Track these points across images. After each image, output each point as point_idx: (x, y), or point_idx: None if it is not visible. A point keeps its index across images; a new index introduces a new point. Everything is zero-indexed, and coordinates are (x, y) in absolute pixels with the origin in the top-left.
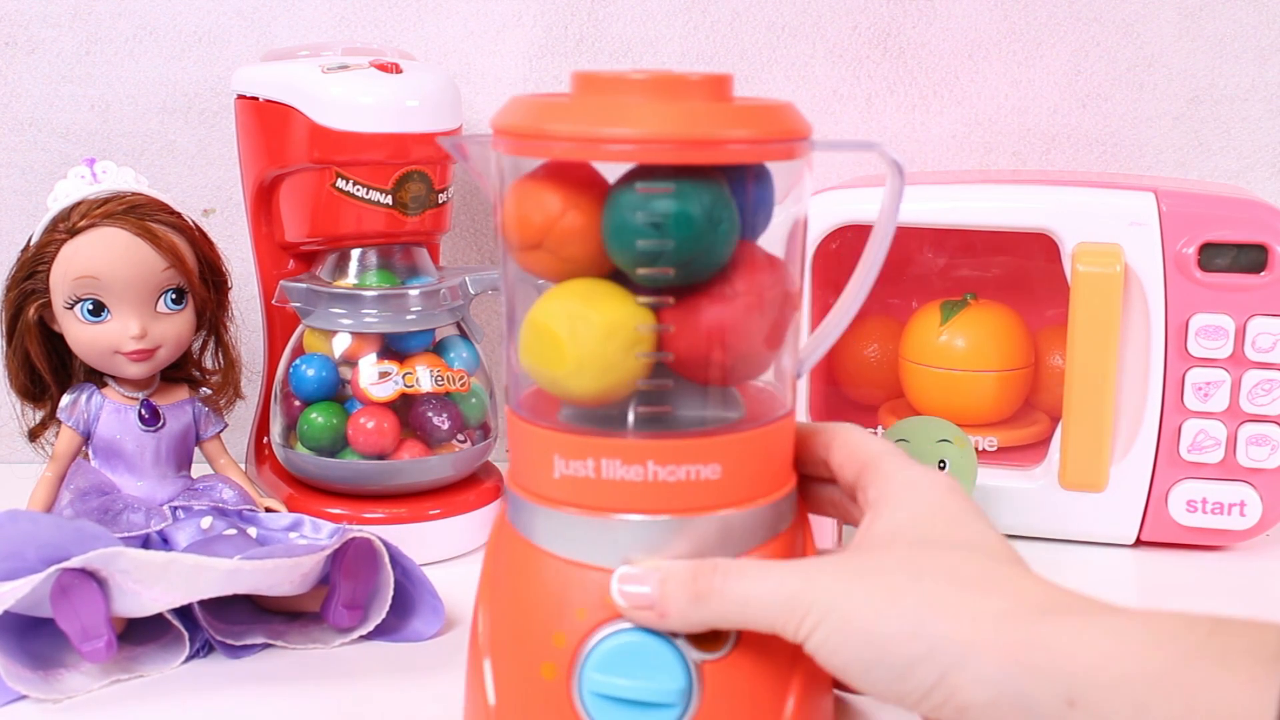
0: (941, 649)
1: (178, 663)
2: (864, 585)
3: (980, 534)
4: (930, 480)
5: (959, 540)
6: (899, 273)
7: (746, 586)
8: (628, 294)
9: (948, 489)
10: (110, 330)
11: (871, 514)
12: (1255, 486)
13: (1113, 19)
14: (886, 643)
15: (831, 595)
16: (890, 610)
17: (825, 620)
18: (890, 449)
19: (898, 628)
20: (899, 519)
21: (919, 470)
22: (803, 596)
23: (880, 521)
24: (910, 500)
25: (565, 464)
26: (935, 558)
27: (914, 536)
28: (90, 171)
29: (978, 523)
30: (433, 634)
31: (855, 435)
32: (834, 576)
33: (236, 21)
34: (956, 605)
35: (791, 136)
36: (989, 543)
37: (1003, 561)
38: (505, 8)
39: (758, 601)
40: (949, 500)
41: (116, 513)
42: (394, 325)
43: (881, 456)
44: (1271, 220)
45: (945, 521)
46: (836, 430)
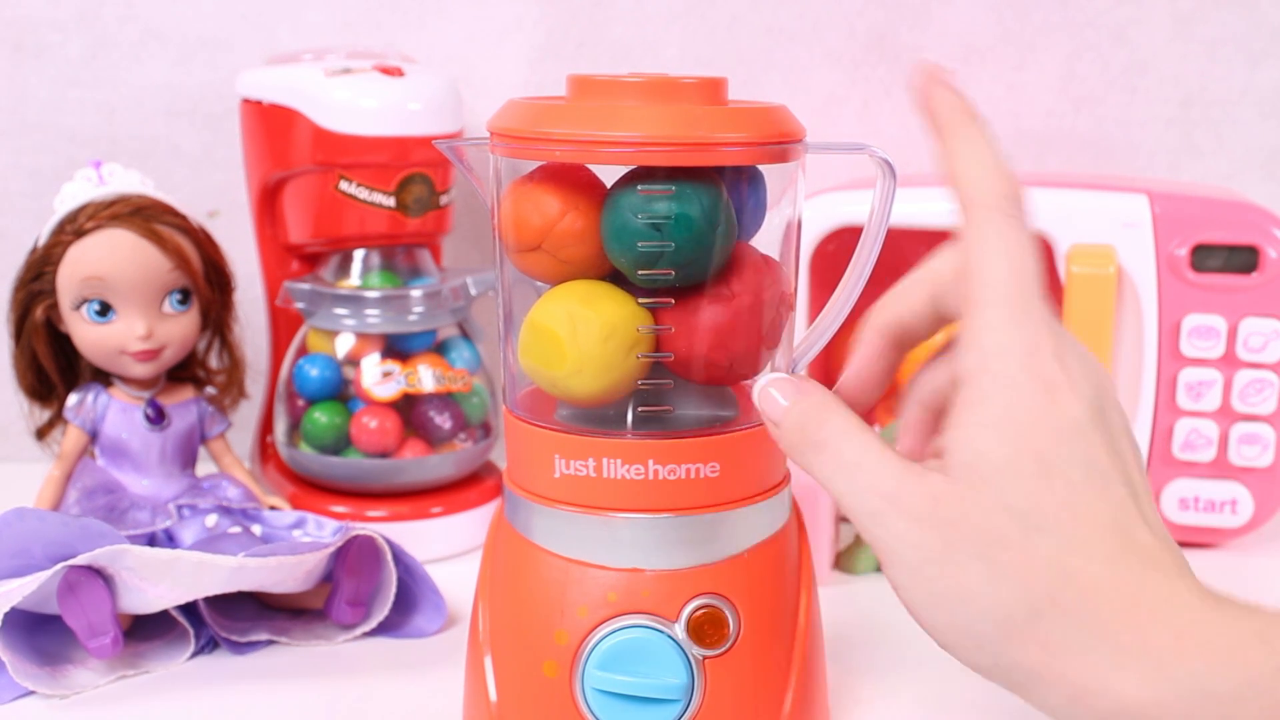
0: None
1: (183, 659)
2: (942, 544)
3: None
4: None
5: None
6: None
7: (831, 471)
8: (627, 295)
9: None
10: (116, 331)
11: (963, 418)
12: (1247, 485)
13: (1106, 23)
14: (961, 625)
15: (907, 541)
16: (969, 602)
17: (891, 567)
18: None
19: (979, 628)
20: (993, 452)
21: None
22: (883, 521)
23: (963, 441)
24: (1011, 429)
25: (566, 464)
26: (1040, 548)
27: (1014, 492)
28: (96, 174)
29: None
30: (435, 631)
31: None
32: (915, 517)
33: (241, 26)
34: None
35: (785, 139)
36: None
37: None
38: (506, 12)
39: (839, 489)
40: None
41: (122, 511)
42: (396, 326)
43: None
44: (1263, 222)
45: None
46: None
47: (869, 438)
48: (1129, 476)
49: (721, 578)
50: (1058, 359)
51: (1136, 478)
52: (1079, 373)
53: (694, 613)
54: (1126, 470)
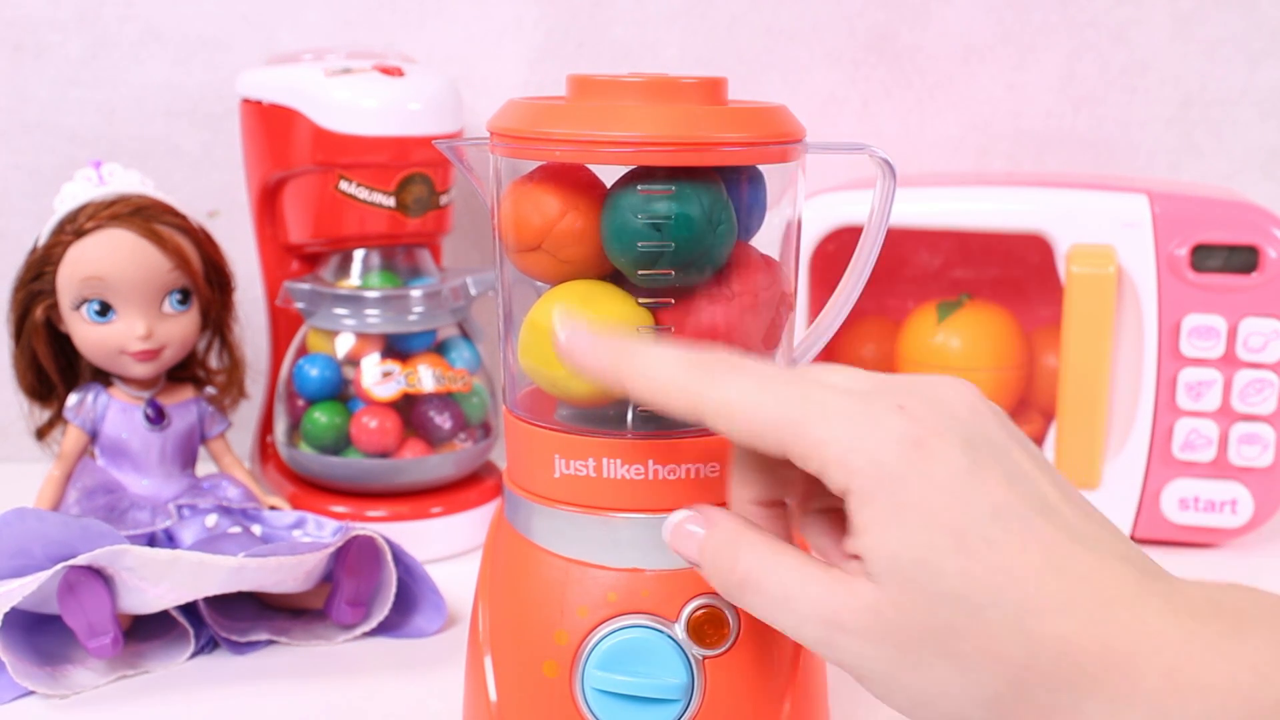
0: None
1: (183, 659)
2: (900, 652)
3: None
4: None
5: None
6: (895, 274)
7: (784, 591)
8: (627, 295)
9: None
10: (116, 331)
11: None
12: (1247, 485)
13: (1106, 23)
14: (953, 718)
15: (865, 658)
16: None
17: (862, 681)
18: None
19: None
20: (906, 549)
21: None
22: (835, 646)
23: (872, 547)
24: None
25: (566, 464)
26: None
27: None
28: (96, 174)
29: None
30: (435, 631)
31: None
32: (862, 635)
33: (241, 26)
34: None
35: (785, 139)
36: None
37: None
38: (506, 12)
39: (793, 619)
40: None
41: (122, 511)
42: (396, 325)
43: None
44: (1262, 222)
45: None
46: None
47: (788, 559)
48: (1039, 495)
49: None
50: (902, 410)
51: (1046, 488)
52: (930, 413)
53: (694, 613)
54: (1034, 489)
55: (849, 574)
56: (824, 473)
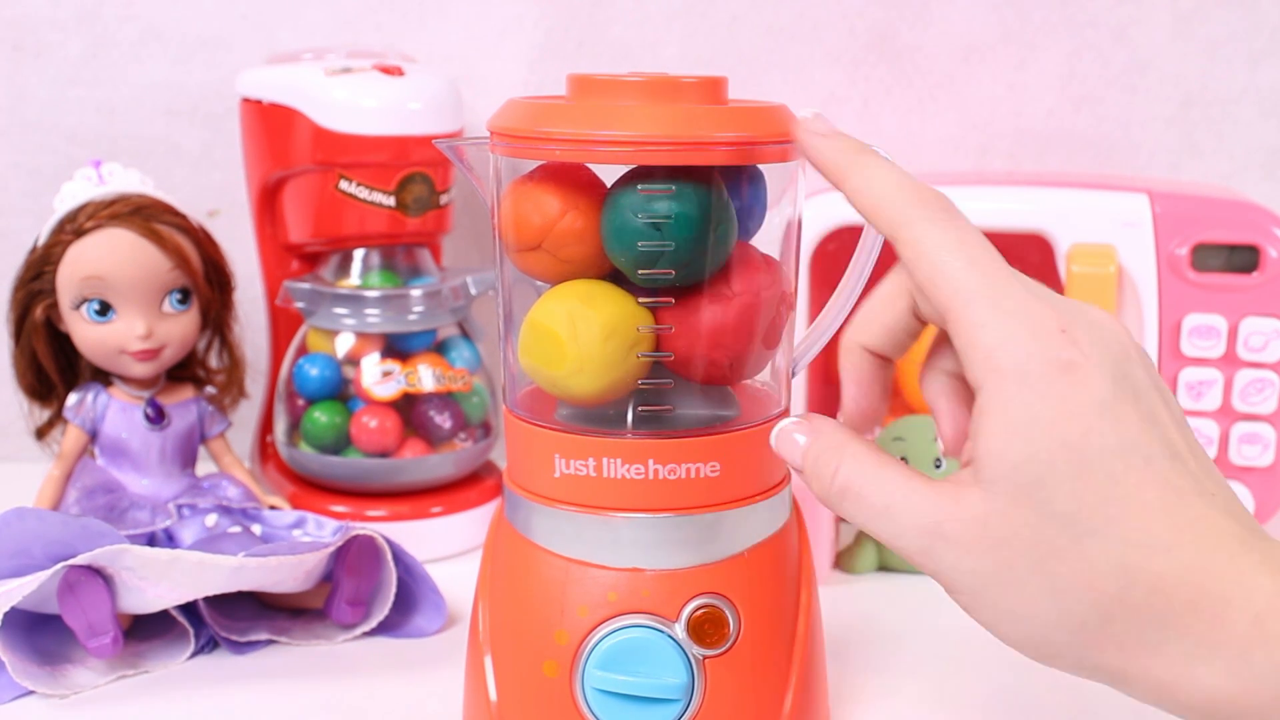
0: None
1: (183, 659)
2: (997, 566)
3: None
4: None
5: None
6: None
7: (886, 501)
8: (627, 294)
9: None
10: (116, 330)
11: (981, 426)
12: (1247, 485)
13: (1106, 23)
14: (1036, 639)
15: (962, 570)
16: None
17: (953, 593)
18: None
19: (1053, 637)
20: (1026, 460)
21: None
22: (934, 555)
23: (993, 452)
24: (1028, 428)
25: (566, 464)
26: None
27: (1042, 499)
28: (96, 173)
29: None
30: (435, 630)
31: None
32: (963, 545)
33: (241, 25)
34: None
35: (785, 138)
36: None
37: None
38: (506, 11)
39: (894, 528)
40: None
41: (122, 510)
42: (396, 325)
43: (968, 319)
44: (1263, 221)
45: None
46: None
47: (890, 471)
48: (1168, 441)
49: (721, 577)
50: (1063, 333)
51: (1175, 436)
52: (1089, 340)
53: (694, 612)
54: (1164, 434)
55: (955, 482)
56: (968, 354)
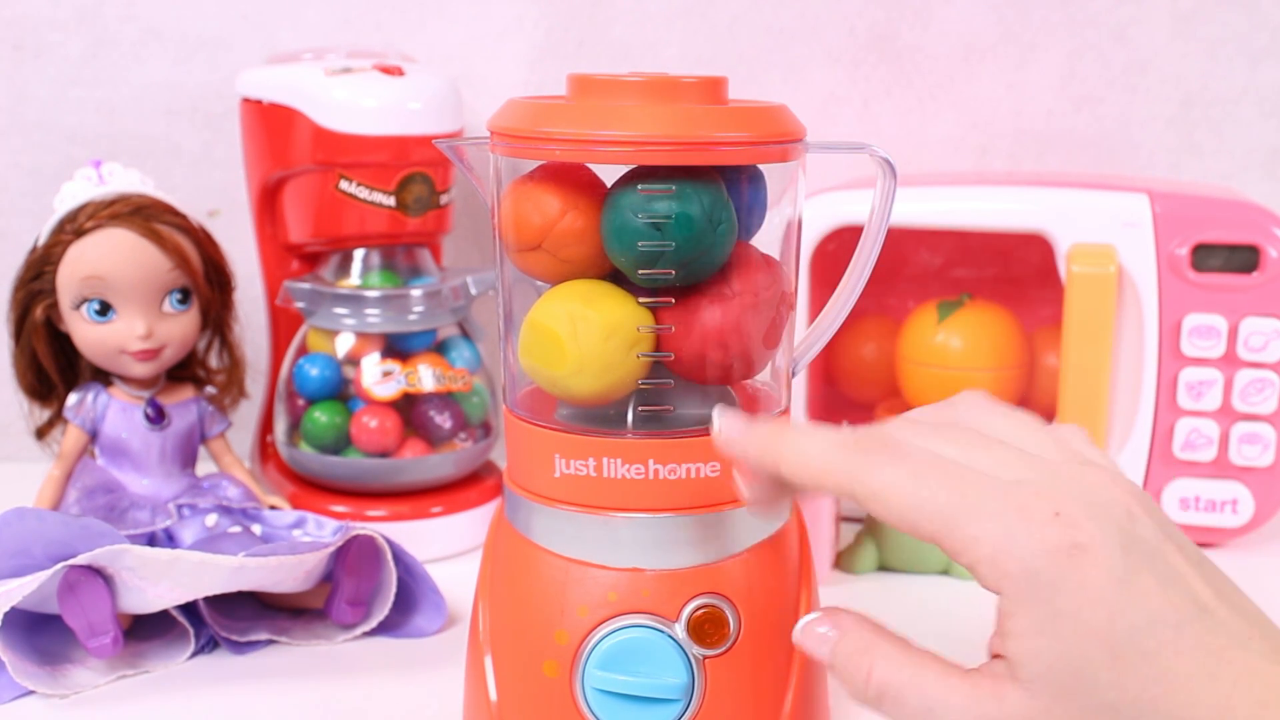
0: None
1: (183, 658)
2: None
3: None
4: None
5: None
6: (896, 273)
7: (927, 704)
8: (627, 294)
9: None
10: (116, 330)
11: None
12: (1247, 484)
13: (1107, 23)
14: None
15: None
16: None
17: None
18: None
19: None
20: (1060, 658)
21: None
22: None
23: (1026, 652)
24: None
25: (566, 463)
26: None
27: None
28: (96, 173)
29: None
30: (435, 630)
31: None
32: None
33: (241, 25)
34: None
35: (785, 138)
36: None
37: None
38: (506, 11)
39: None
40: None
41: (122, 510)
42: (397, 325)
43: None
44: (1263, 221)
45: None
46: None
47: (926, 670)
48: (1193, 597)
49: (721, 577)
50: (1058, 517)
51: (1199, 587)
52: (1086, 515)
53: (694, 612)
54: (1188, 592)
55: (993, 676)
56: (976, 569)
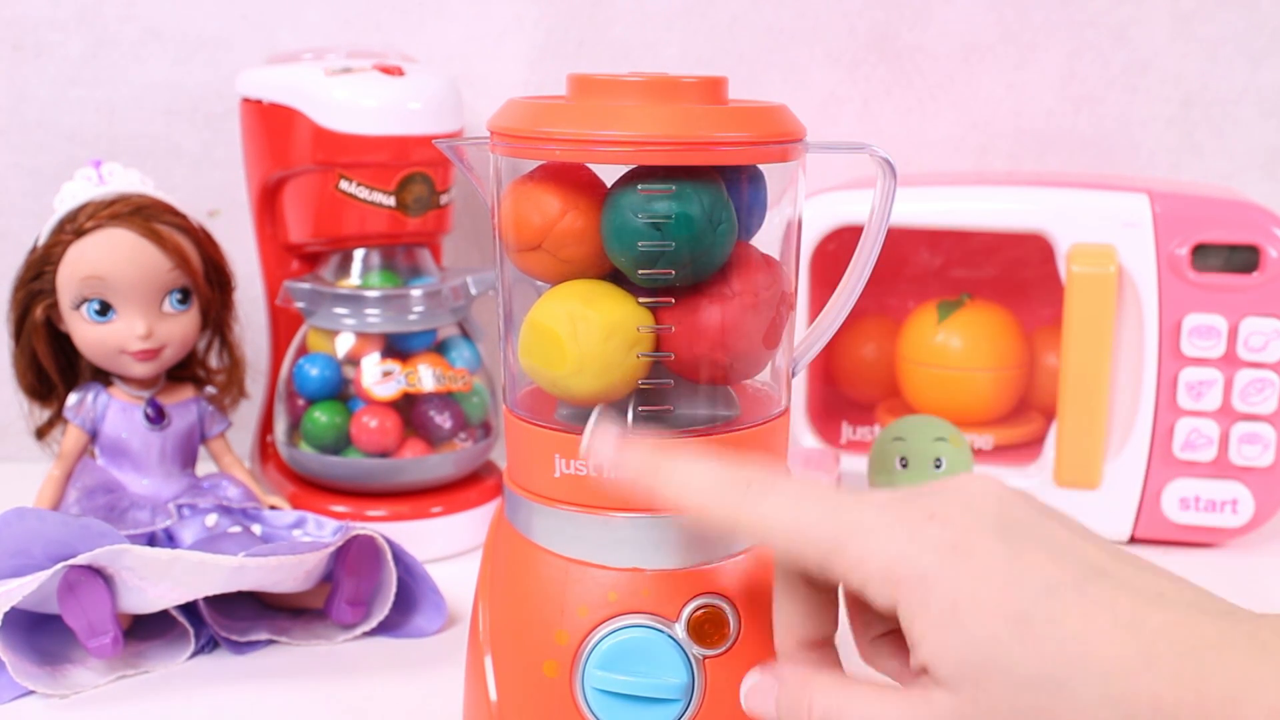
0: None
1: (183, 658)
2: None
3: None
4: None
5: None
6: (896, 273)
7: (866, 716)
8: (627, 294)
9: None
10: (116, 330)
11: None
12: (1247, 484)
13: (1106, 23)
14: None
15: None
16: None
17: None
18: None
19: None
20: (969, 647)
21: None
22: None
23: (935, 654)
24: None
25: (566, 464)
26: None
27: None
28: (96, 173)
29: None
30: (435, 630)
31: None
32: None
33: (241, 25)
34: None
35: (785, 138)
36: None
37: None
38: (506, 11)
39: None
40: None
41: (122, 510)
42: (397, 325)
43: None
44: (1263, 221)
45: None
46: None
47: (860, 689)
48: (1088, 562)
49: (721, 577)
50: (933, 518)
51: (1093, 553)
52: (959, 511)
53: (694, 612)
54: (1081, 557)
55: (920, 685)
56: (866, 589)
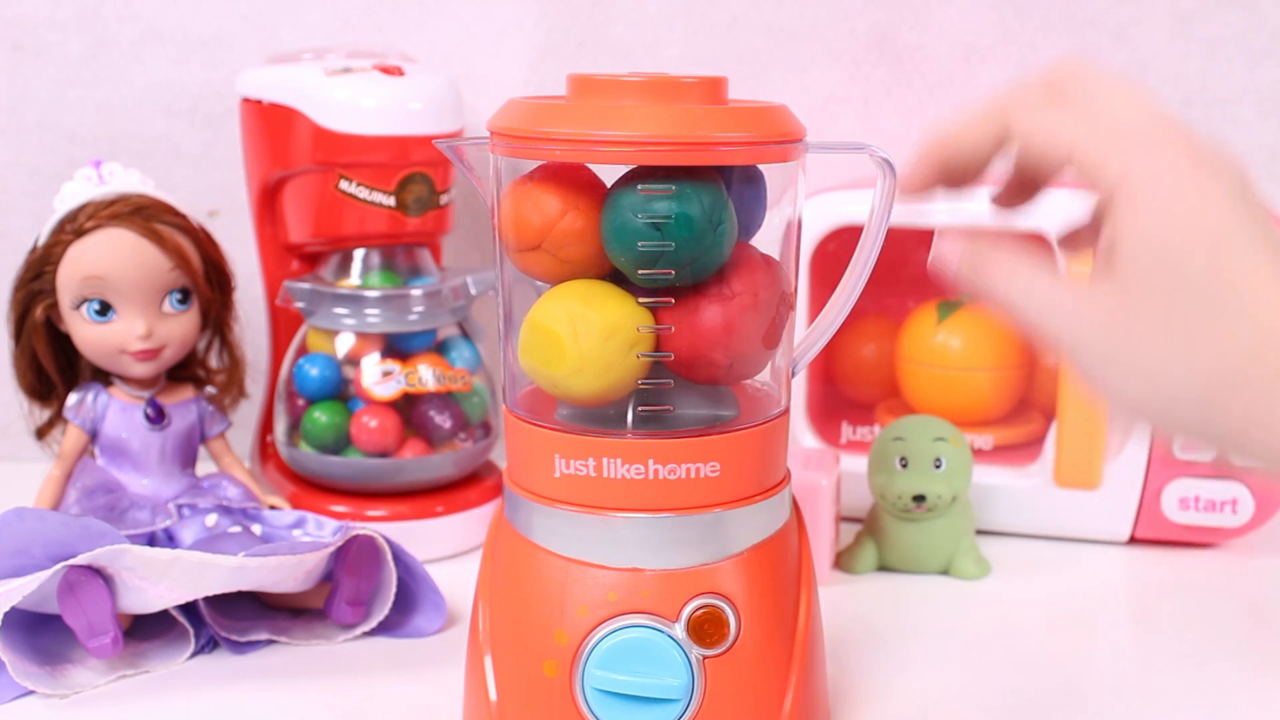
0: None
1: (183, 658)
2: (1124, 331)
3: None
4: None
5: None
6: (896, 273)
7: (1021, 298)
8: (627, 294)
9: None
10: (116, 330)
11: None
12: (1247, 484)
13: (1106, 23)
14: (1162, 396)
15: (1094, 324)
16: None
17: (1104, 367)
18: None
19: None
20: (1158, 234)
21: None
22: (1078, 340)
23: (1135, 234)
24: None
25: (566, 464)
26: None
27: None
28: (96, 173)
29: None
30: (435, 630)
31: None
32: (1100, 310)
33: (241, 25)
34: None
35: (785, 138)
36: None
37: None
38: (506, 11)
39: (1030, 315)
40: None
41: (122, 510)
42: (397, 325)
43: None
44: None
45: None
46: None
47: (1040, 271)
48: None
49: (721, 578)
50: (1187, 146)
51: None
52: (1207, 148)
53: (694, 612)
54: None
55: (1102, 280)
56: (1106, 165)
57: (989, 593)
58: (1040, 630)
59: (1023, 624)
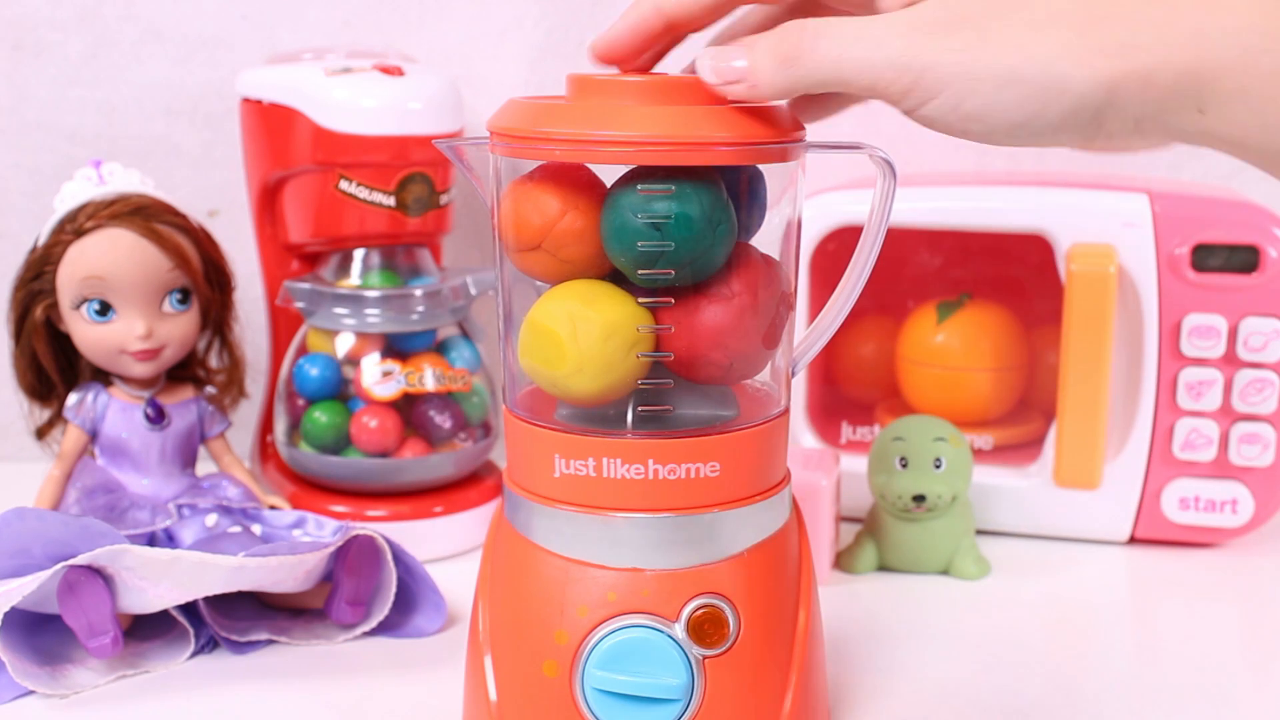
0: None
1: (183, 658)
2: (981, 47)
3: None
4: None
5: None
6: (896, 273)
7: (839, 49)
8: (627, 294)
9: None
10: (116, 330)
11: None
12: (1247, 484)
13: None
14: (1029, 100)
15: (945, 62)
16: (1025, 67)
17: (944, 90)
18: None
19: (1041, 84)
20: None
21: None
22: (910, 62)
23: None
24: None
25: (566, 464)
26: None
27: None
28: (96, 173)
29: None
30: (435, 630)
31: None
32: (941, 42)
33: (241, 25)
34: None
35: (785, 138)
36: None
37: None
38: (506, 11)
39: (853, 62)
40: None
41: (122, 510)
42: (397, 325)
43: None
44: (1263, 221)
45: None
46: None
47: (845, 20)
48: None
49: (721, 578)
50: None
51: None
52: None
53: (694, 613)
54: None
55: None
56: None
57: (989, 593)
58: (1040, 630)
59: (1023, 624)
